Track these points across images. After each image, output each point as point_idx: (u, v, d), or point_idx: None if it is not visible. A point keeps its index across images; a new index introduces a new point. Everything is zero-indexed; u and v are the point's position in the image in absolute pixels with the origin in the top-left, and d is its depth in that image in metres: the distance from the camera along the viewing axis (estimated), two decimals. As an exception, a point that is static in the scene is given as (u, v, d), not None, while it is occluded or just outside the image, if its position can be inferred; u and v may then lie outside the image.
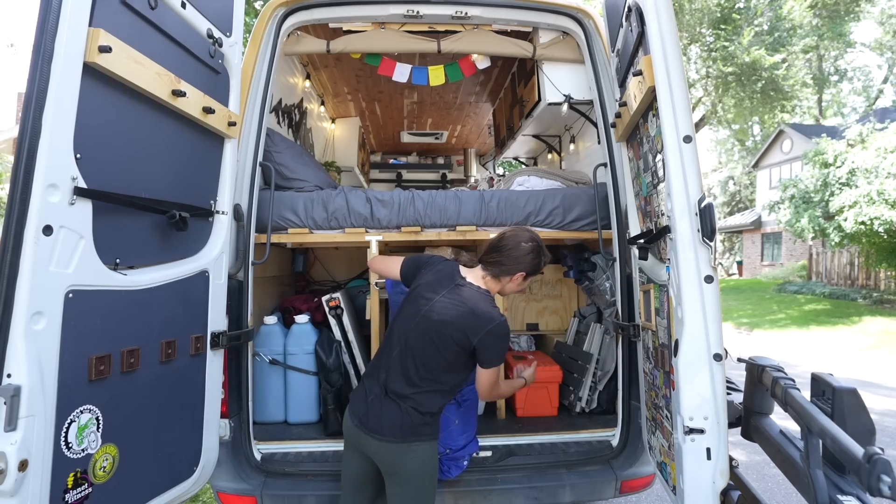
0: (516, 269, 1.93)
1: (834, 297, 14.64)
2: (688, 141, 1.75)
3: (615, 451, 2.45)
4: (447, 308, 1.86)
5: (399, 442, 1.83)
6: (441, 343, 1.83)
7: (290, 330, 2.80)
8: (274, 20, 2.53)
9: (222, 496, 2.25)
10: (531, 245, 1.94)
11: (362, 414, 1.91)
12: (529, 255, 1.93)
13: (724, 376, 1.73)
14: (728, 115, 18.45)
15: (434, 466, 1.91)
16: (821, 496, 1.35)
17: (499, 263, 1.93)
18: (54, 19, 1.36)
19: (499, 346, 1.85)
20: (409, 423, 1.83)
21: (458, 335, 1.81)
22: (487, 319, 1.81)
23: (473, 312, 1.83)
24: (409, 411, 1.84)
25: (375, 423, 1.86)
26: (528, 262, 1.94)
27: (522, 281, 1.98)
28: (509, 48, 2.95)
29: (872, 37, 29.10)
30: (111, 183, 1.58)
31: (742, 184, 32.24)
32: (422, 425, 1.85)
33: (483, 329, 1.80)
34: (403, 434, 1.83)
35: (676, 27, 1.83)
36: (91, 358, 1.51)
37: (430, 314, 1.86)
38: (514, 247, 1.92)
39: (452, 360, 1.85)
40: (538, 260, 1.96)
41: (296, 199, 2.72)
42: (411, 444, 1.83)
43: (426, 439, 1.87)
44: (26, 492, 1.32)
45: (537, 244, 1.97)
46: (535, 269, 1.98)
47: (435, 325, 1.84)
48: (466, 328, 1.81)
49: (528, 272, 1.96)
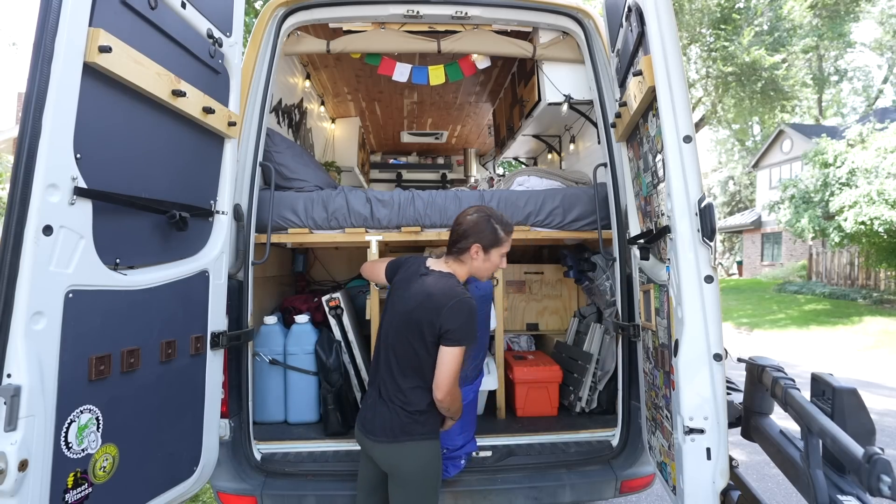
0: (470, 243, 1.90)
1: (834, 297, 14.65)
2: (688, 141, 1.75)
3: (615, 451, 2.44)
4: (412, 297, 1.87)
5: (391, 442, 1.84)
6: (412, 334, 1.83)
7: (290, 330, 2.80)
8: (274, 20, 2.53)
9: (222, 496, 2.25)
10: (477, 215, 1.93)
11: (363, 417, 1.96)
12: (477, 224, 1.90)
13: (724, 376, 1.73)
14: (728, 115, 18.46)
15: (435, 467, 1.90)
16: (821, 496, 1.35)
17: (455, 243, 1.93)
18: (54, 19, 1.36)
19: (462, 322, 1.78)
20: (399, 422, 1.84)
21: (425, 320, 1.80)
22: (448, 297, 1.80)
23: (433, 294, 1.82)
24: (397, 411, 1.85)
25: (371, 424, 1.90)
26: (477, 231, 1.90)
27: (484, 254, 1.91)
28: (509, 48, 2.95)
29: (872, 37, 29.10)
30: (111, 183, 1.58)
31: (742, 184, 32.24)
32: (412, 424, 1.84)
33: (444, 306, 1.78)
34: (395, 434, 1.84)
35: (676, 27, 1.83)
36: (91, 358, 1.51)
37: (400, 308, 1.89)
38: (463, 222, 1.93)
39: (427, 351, 1.83)
40: (488, 226, 1.91)
41: (296, 199, 2.72)
42: (403, 443, 1.84)
43: (420, 438, 1.85)
44: (26, 492, 1.32)
45: (484, 213, 1.94)
46: (490, 239, 1.91)
47: (404, 317, 1.86)
48: (430, 310, 1.80)
49: (483, 243, 1.90)
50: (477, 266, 1.95)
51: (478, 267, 1.95)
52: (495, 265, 1.98)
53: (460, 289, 1.86)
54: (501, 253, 1.97)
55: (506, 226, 1.96)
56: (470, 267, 1.95)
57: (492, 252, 1.93)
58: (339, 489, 2.24)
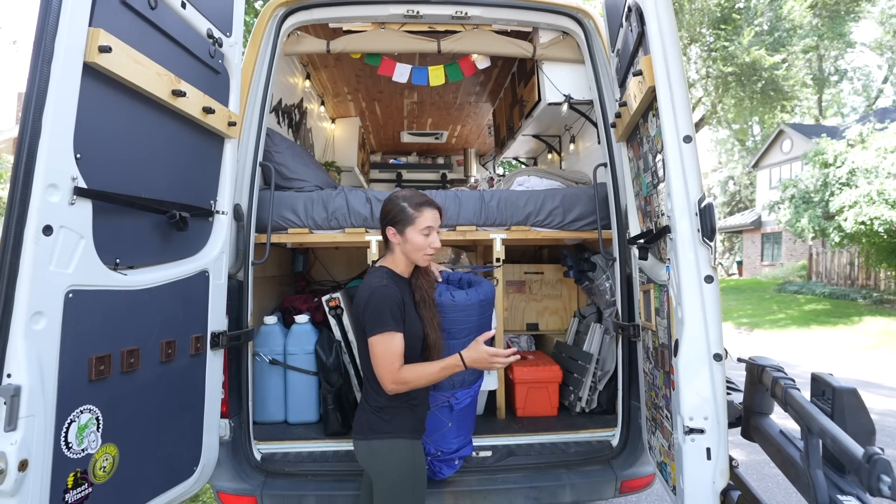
0: (383, 228, 1.91)
1: (834, 297, 14.65)
2: (688, 141, 1.75)
3: (615, 451, 2.44)
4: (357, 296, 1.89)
5: (360, 439, 1.87)
6: (359, 330, 1.87)
7: (290, 330, 2.80)
8: (274, 20, 2.53)
9: (222, 496, 2.25)
10: (388, 198, 1.94)
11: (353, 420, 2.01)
12: (383, 208, 1.92)
13: (724, 376, 1.73)
14: (728, 115, 18.47)
15: (408, 468, 1.84)
16: (821, 496, 1.35)
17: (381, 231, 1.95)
18: (54, 19, 1.36)
19: (373, 310, 1.75)
20: (365, 419, 1.88)
21: (357, 315, 1.85)
22: (365, 289, 1.83)
23: (363, 289, 1.85)
24: (363, 408, 1.90)
25: (354, 423, 1.95)
26: (385, 214, 1.90)
27: (401, 236, 1.86)
28: (509, 48, 2.95)
29: (872, 37, 29.10)
30: (111, 183, 1.58)
31: (742, 184, 32.24)
32: (378, 421, 1.85)
33: (361, 299, 1.81)
34: (363, 431, 1.86)
35: (676, 27, 1.83)
36: (91, 358, 1.51)
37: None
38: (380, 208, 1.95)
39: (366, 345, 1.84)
40: (394, 206, 1.87)
41: (296, 199, 2.72)
42: (370, 440, 1.85)
43: (386, 437, 1.84)
44: (26, 492, 1.31)
45: (394, 194, 1.93)
46: (398, 218, 1.86)
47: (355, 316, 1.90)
48: (356, 304, 1.84)
49: (393, 223, 1.87)
50: (404, 250, 1.89)
51: (405, 251, 1.88)
52: (420, 244, 1.85)
53: (378, 279, 1.82)
54: (419, 230, 1.85)
55: (414, 201, 1.87)
56: (399, 253, 1.90)
57: (407, 231, 1.85)
58: (340, 489, 2.24)
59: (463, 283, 2.33)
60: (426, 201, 1.90)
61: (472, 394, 2.21)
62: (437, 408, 2.15)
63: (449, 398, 2.15)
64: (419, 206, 1.86)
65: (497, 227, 2.80)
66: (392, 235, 1.89)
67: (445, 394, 2.13)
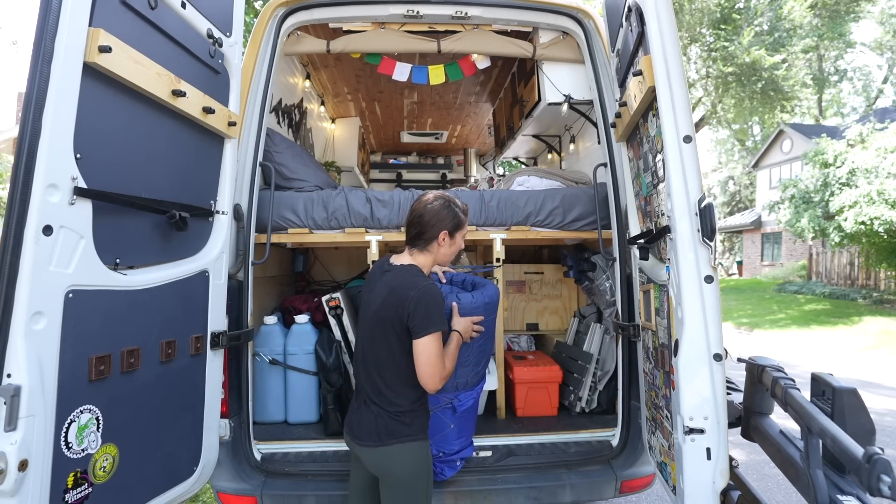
0: (437, 231, 1.91)
1: (834, 297, 14.65)
2: (688, 141, 1.75)
3: (615, 451, 2.44)
4: (377, 296, 1.88)
5: (377, 445, 1.83)
6: (382, 331, 1.83)
7: (290, 330, 2.80)
8: (274, 20, 2.53)
9: (222, 496, 2.25)
10: (439, 202, 1.93)
11: (349, 422, 1.96)
12: (442, 211, 1.91)
13: (724, 376, 1.73)
14: (728, 115, 18.45)
15: (424, 468, 1.86)
16: (821, 496, 1.35)
17: (420, 235, 1.92)
18: (54, 19, 1.36)
19: (426, 310, 1.77)
20: (383, 424, 1.83)
21: (392, 315, 1.80)
22: (410, 287, 1.80)
23: (395, 288, 1.83)
24: (379, 413, 1.84)
25: (357, 429, 1.89)
26: (443, 217, 1.91)
27: (450, 239, 1.93)
28: (509, 48, 2.95)
29: (872, 37, 29.09)
30: (111, 183, 1.58)
31: (742, 184, 32.24)
32: (397, 425, 1.83)
33: (407, 298, 1.78)
34: (380, 437, 1.82)
35: (676, 27, 1.83)
36: (91, 358, 1.51)
37: (369, 311, 1.90)
38: (425, 212, 1.91)
39: (401, 345, 1.83)
40: (452, 211, 1.93)
41: (296, 199, 2.72)
42: (390, 446, 1.82)
43: (406, 440, 1.83)
44: (26, 492, 1.32)
45: (444, 199, 1.95)
46: (455, 223, 1.93)
47: (373, 318, 1.87)
48: (395, 304, 1.80)
49: (449, 229, 1.92)
50: (443, 252, 1.95)
51: (444, 253, 1.95)
52: (459, 247, 2.00)
53: (421, 278, 1.86)
54: (464, 234, 2.00)
55: (463, 206, 1.99)
56: (436, 255, 1.95)
57: (457, 235, 1.96)
58: (339, 489, 2.24)
59: (466, 284, 2.33)
60: (468, 208, 2.03)
61: (475, 395, 2.21)
62: (439, 409, 2.13)
63: (452, 400, 2.14)
64: (466, 213, 2.00)
65: (497, 227, 2.80)
66: (443, 239, 1.92)
67: (448, 395, 2.13)
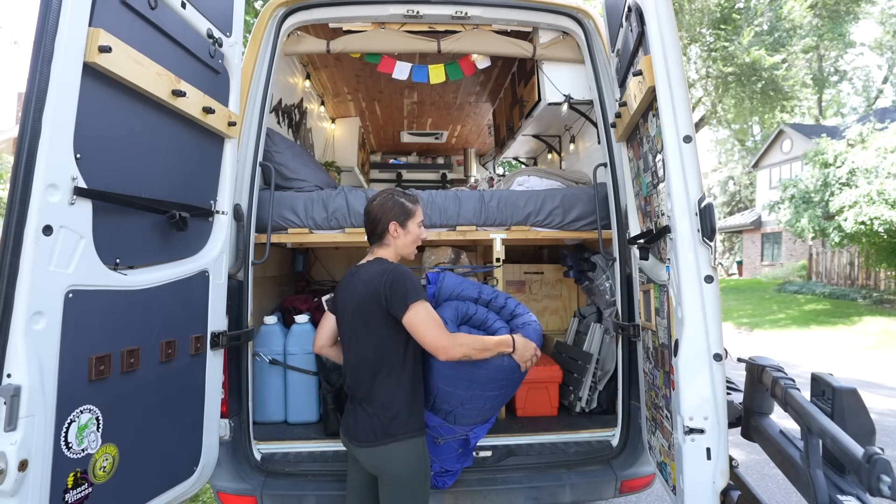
0: (386, 223, 1.95)
1: (834, 297, 14.65)
2: (688, 141, 1.75)
3: (615, 451, 2.44)
4: (352, 294, 1.91)
5: (375, 445, 1.83)
6: (365, 328, 1.86)
7: (290, 330, 2.80)
8: (274, 20, 2.53)
9: (222, 496, 2.25)
10: (383, 196, 2.00)
11: (346, 423, 1.97)
12: (386, 203, 1.97)
13: (724, 376, 1.73)
14: (728, 115, 18.45)
15: (421, 465, 1.88)
16: (821, 496, 1.35)
17: (373, 230, 1.99)
18: (54, 19, 1.36)
19: (401, 286, 1.80)
20: (379, 424, 1.84)
21: (371, 305, 1.83)
22: (380, 273, 1.85)
23: (368, 280, 1.87)
24: (373, 413, 1.85)
25: (353, 430, 1.90)
26: (388, 209, 1.96)
27: (403, 229, 1.97)
28: (509, 48, 2.95)
29: (872, 37, 29.09)
30: (111, 183, 1.58)
31: (742, 184, 32.24)
32: (393, 424, 1.83)
33: (380, 282, 1.82)
34: (377, 436, 1.83)
35: (676, 27, 1.83)
36: (91, 358, 1.51)
37: (347, 309, 1.94)
38: (372, 209, 1.98)
39: (382, 333, 1.84)
40: (397, 202, 1.97)
41: (296, 199, 2.71)
42: (388, 445, 1.82)
43: (403, 438, 1.84)
44: (26, 492, 1.32)
45: (389, 193, 2.01)
46: (402, 212, 1.97)
47: (353, 314, 1.90)
48: (371, 293, 1.83)
49: (398, 219, 1.96)
50: (401, 243, 1.99)
51: (402, 243, 1.99)
52: (417, 236, 2.03)
53: (388, 264, 1.90)
54: (417, 222, 2.02)
55: (409, 197, 2.03)
56: (395, 247, 1.99)
57: (408, 224, 1.99)
58: (339, 489, 2.24)
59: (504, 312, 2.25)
60: (416, 197, 2.06)
61: (487, 428, 2.20)
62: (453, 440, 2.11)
63: (468, 432, 2.11)
64: (414, 202, 2.02)
65: (497, 227, 2.80)
66: (394, 230, 1.96)
67: (465, 428, 2.09)
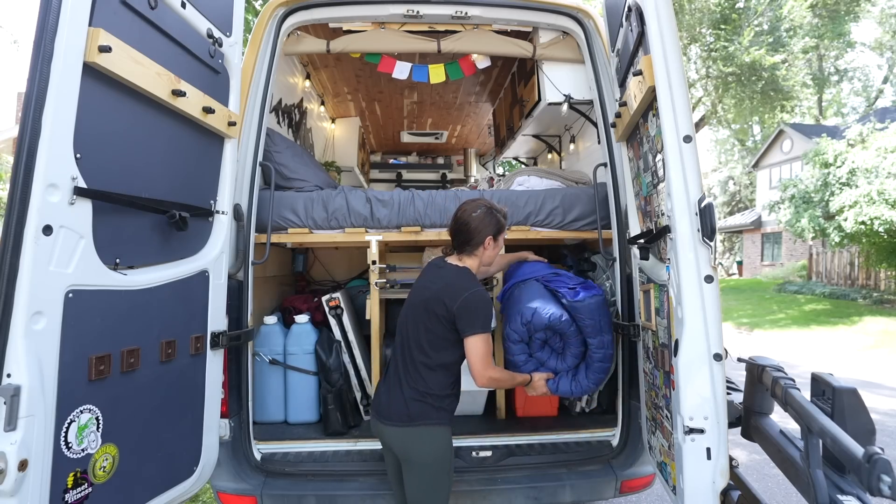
0: (483, 237, 2.05)
1: (834, 297, 14.64)
2: (688, 141, 1.75)
3: (615, 451, 2.44)
4: (430, 286, 2.03)
5: (405, 425, 1.92)
6: (427, 317, 1.96)
7: (290, 330, 2.80)
8: (274, 20, 2.53)
9: (222, 496, 2.25)
10: (482, 210, 2.07)
11: (377, 404, 2.05)
12: (485, 218, 2.06)
13: (724, 376, 1.73)
14: (728, 115, 18.45)
15: (447, 455, 1.96)
16: (821, 496, 1.35)
17: (467, 241, 2.06)
18: (54, 19, 1.36)
19: (476, 312, 1.92)
20: (414, 405, 1.93)
21: (438, 305, 1.94)
22: (463, 288, 1.95)
23: (450, 284, 1.98)
24: (411, 394, 1.94)
25: (386, 409, 1.98)
26: (487, 224, 2.06)
27: (494, 242, 2.09)
28: (509, 48, 2.95)
29: (872, 37, 29.09)
30: (111, 183, 1.58)
31: (742, 184, 32.23)
32: (428, 408, 1.93)
33: (459, 297, 1.92)
34: (410, 417, 1.92)
35: (676, 27, 1.83)
36: (91, 358, 1.51)
37: (418, 298, 2.05)
38: (471, 220, 2.05)
39: (439, 334, 1.96)
40: (494, 217, 2.08)
41: (296, 199, 2.71)
42: (418, 427, 1.91)
43: (433, 424, 1.93)
44: (26, 492, 1.32)
45: (486, 206, 2.09)
46: (498, 227, 2.09)
47: (421, 304, 2.01)
48: (444, 297, 1.94)
49: (493, 234, 2.07)
50: (488, 254, 2.11)
51: (489, 255, 2.11)
52: (501, 248, 2.18)
53: (474, 282, 2.01)
54: (504, 236, 2.17)
55: (502, 210, 2.15)
56: (482, 257, 2.11)
57: (500, 238, 2.13)
58: (339, 489, 2.24)
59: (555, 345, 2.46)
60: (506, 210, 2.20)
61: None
62: None
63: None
64: (505, 217, 2.16)
65: (497, 227, 2.80)
66: (489, 243, 2.07)
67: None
